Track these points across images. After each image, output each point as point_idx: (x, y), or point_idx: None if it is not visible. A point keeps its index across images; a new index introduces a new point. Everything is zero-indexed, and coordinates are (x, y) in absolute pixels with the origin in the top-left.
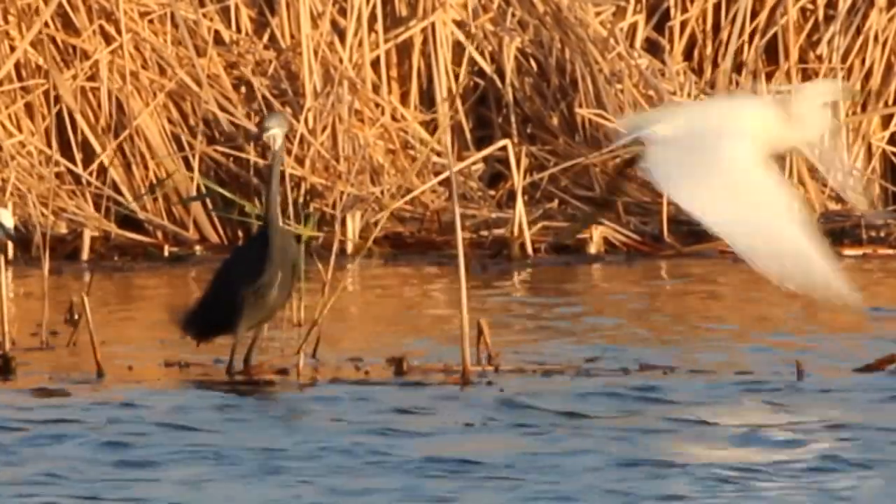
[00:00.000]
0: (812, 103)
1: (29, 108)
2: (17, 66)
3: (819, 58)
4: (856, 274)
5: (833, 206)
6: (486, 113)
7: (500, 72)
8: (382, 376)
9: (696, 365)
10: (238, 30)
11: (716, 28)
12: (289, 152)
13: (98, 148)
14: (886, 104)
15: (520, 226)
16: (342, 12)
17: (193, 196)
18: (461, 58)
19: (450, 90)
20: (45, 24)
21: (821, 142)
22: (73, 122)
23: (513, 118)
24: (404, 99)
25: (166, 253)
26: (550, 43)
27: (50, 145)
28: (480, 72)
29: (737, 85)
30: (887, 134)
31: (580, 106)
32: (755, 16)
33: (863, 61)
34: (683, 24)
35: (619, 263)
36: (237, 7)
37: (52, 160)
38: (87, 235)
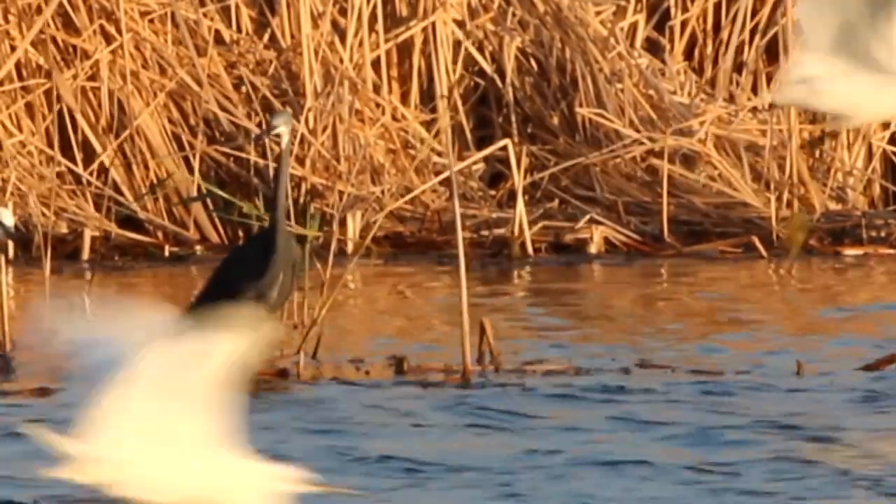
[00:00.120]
0: None
1: (29, 108)
2: (18, 66)
3: None
4: (856, 273)
5: (833, 206)
6: (487, 113)
7: (501, 71)
8: (383, 376)
9: (697, 365)
10: (238, 29)
11: (716, 27)
12: (289, 152)
13: (98, 148)
14: None
15: (520, 225)
16: (342, 12)
17: (194, 196)
18: (461, 57)
19: (450, 90)
20: (46, 24)
21: None
22: (74, 122)
23: (513, 118)
24: (405, 99)
25: (167, 253)
26: (551, 42)
27: (51, 145)
28: (481, 71)
29: (737, 84)
30: (887, 134)
31: (580, 105)
32: (755, 15)
33: None
34: (684, 24)
35: (620, 263)
36: (238, 7)
37: (55, 160)
38: (88, 235)
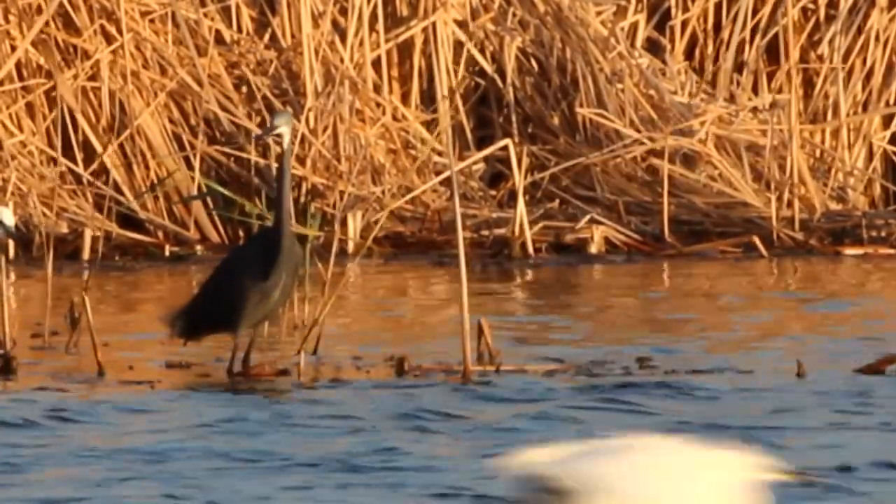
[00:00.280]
0: None
1: (30, 108)
2: (19, 66)
3: (820, 58)
4: (856, 273)
5: (834, 206)
6: (487, 113)
7: (501, 71)
8: (383, 376)
9: (697, 365)
10: (239, 29)
11: (717, 27)
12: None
13: (99, 147)
14: (887, 104)
15: (520, 225)
16: (343, 12)
17: (194, 195)
18: (462, 57)
19: (451, 90)
20: (46, 24)
21: None
22: (75, 122)
23: (514, 118)
24: (405, 99)
25: (167, 252)
26: (551, 42)
27: (51, 145)
28: (481, 71)
29: (738, 84)
30: (888, 134)
31: (581, 105)
32: (756, 15)
33: (864, 61)
34: (684, 24)
35: (620, 263)
36: (238, 7)
37: (57, 161)
38: (88, 235)
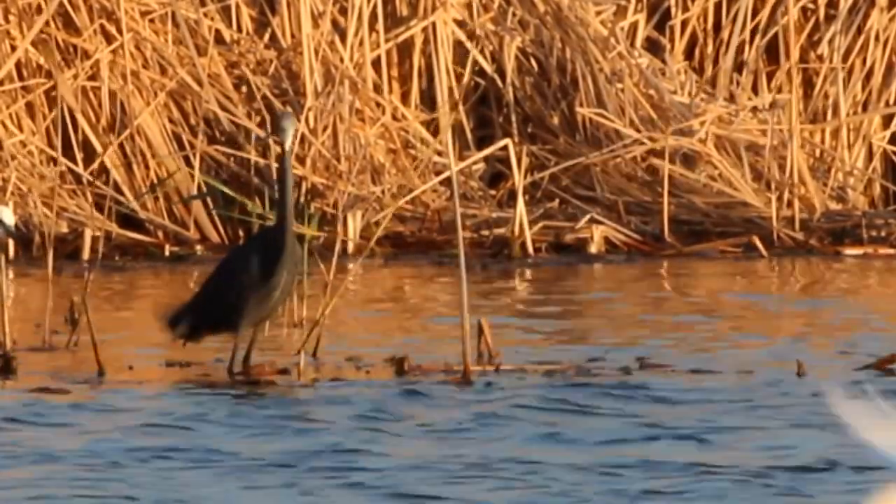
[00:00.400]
0: None
1: (30, 108)
2: (19, 66)
3: (820, 57)
4: (856, 273)
5: (833, 206)
6: (487, 112)
7: (501, 71)
8: (383, 376)
9: (697, 365)
10: (239, 29)
11: (717, 27)
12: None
13: (99, 147)
14: (887, 104)
15: (520, 225)
16: (343, 12)
17: (195, 194)
18: (462, 57)
19: (451, 90)
20: (46, 24)
21: None
22: (75, 122)
23: (513, 118)
24: (405, 98)
25: (167, 252)
26: (551, 42)
27: (51, 145)
28: (481, 71)
29: (737, 84)
30: (888, 134)
31: (581, 105)
32: (756, 15)
33: (864, 61)
34: (684, 24)
35: (620, 263)
36: (238, 6)
37: (57, 161)
38: (88, 235)
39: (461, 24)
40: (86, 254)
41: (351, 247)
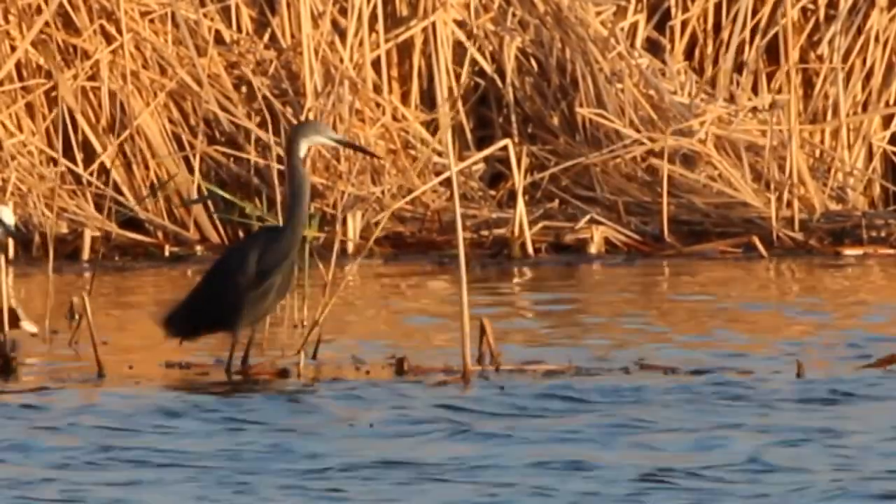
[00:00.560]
0: None
1: (30, 108)
2: (18, 66)
3: (820, 58)
4: (856, 273)
5: (833, 206)
6: (487, 113)
7: (501, 71)
8: (383, 376)
9: (697, 365)
10: (239, 29)
11: (716, 27)
12: None
13: (99, 148)
14: (887, 104)
15: (520, 225)
16: (343, 12)
17: (195, 198)
18: (462, 57)
19: (450, 90)
20: (46, 24)
21: None
22: (74, 122)
23: (513, 118)
24: (405, 99)
25: (167, 253)
26: (551, 42)
27: (51, 145)
28: (481, 71)
29: (737, 84)
30: (888, 134)
31: (581, 105)
32: (756, 15)
33: (864, 61)
34: (684, 24)
35: (620, 263)
36: (238, 7)
37: (57, 161)
38: (88, 235)
39: (461, 25)
40: (86, 254)
41: (351, 247)
